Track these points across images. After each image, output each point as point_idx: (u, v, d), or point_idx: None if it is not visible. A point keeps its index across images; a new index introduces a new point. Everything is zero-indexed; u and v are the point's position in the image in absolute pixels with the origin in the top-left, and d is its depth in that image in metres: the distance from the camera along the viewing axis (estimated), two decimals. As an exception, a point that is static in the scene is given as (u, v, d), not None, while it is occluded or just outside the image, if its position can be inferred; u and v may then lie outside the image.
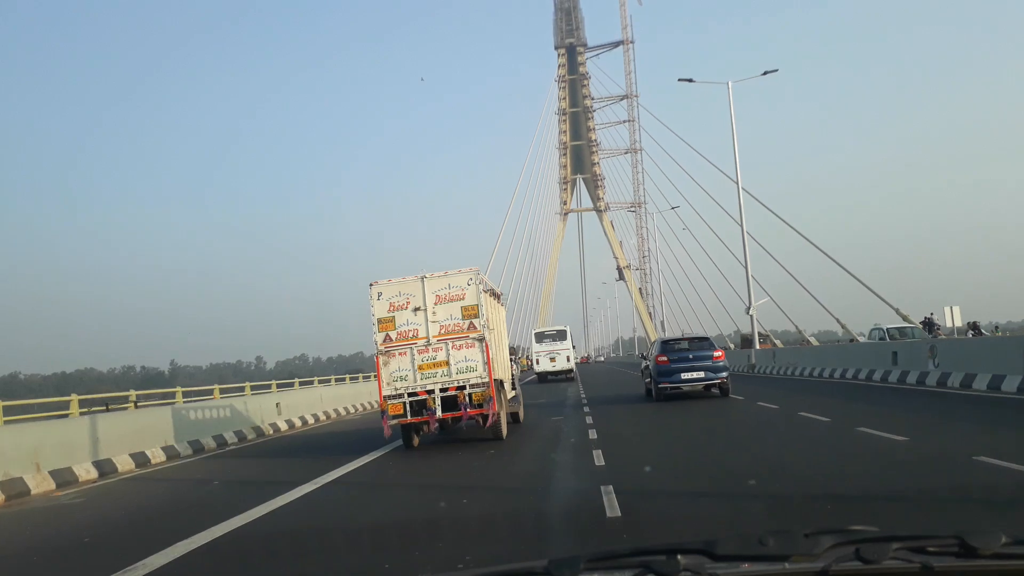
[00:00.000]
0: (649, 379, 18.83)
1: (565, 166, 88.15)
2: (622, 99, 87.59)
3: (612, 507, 6.21)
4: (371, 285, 11.84)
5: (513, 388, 15.59)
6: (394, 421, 11.47)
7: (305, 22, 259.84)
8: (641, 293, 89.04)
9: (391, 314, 11.66)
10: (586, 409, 17.22)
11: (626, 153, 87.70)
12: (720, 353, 17.81)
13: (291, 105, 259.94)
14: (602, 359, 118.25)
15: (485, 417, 11.69)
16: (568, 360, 38.07)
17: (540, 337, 39.28)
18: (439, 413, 11.36)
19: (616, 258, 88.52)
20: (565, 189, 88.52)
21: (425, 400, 11.42)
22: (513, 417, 15.48)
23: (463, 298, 11.63)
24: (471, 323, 11.56)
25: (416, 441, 12.44)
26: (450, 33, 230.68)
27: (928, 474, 7.05)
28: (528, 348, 45.15)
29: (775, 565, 1.39)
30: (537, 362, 38.78)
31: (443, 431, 13.53)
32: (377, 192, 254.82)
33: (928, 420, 11.49)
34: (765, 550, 1.36)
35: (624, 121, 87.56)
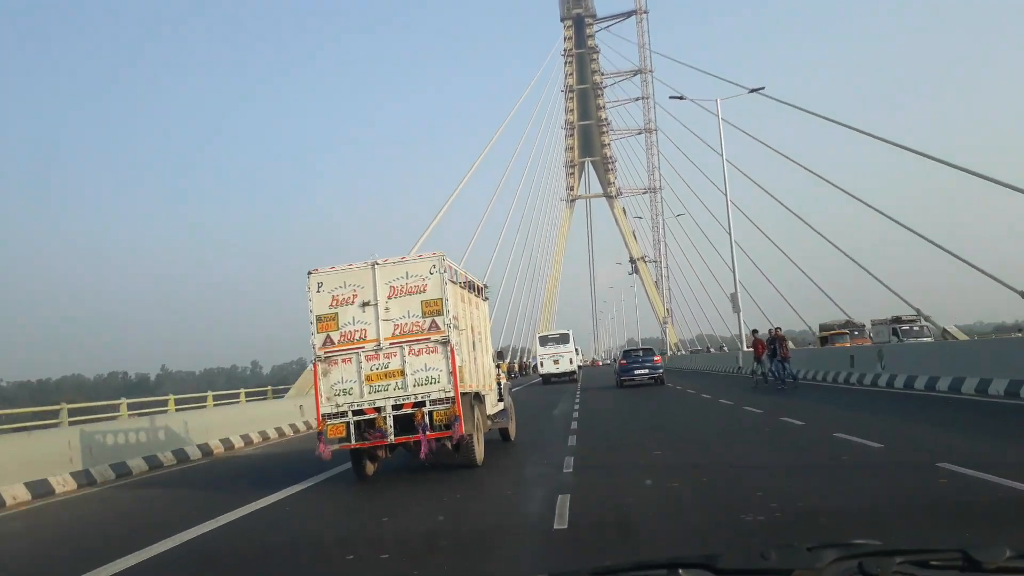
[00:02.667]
0: (616, 373, 30.48)
1: (572, 148, 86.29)
2: (635, 74, 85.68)
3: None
4: (309, 274, 10.11)
5: (500, 400, 13.85)
6: (335, 446, 9.74)
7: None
8: (657, 287, 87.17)
9: (333, 310, 9.94)
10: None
11: (640, 133, 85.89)
12: (658, 358, 29.57)
13: (288, 104, 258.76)
14: (609, 362, 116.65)
15: (454, 441, 9.94)
16: (571, 363, 42.14)
17: (544, 340, 43.71)
18: (391, 437, 9.61)
19: (629, 249, 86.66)
20: (572, 173, 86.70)
21: (374, 420, 9.68)
22: (502, 434, 13.89)
23: (424, 290, 9.89)
24: (433, 321, 9.81)
25: (371, 469, 10.71)
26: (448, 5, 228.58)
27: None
28: (532, 351, 51.57)
29: None
30: (541, 364, 42.93)
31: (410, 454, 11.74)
32: (375, 188, 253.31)
33: None
34: (768, 564, 1.44)
35: (637, 98, 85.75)
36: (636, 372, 28.68)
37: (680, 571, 1.46)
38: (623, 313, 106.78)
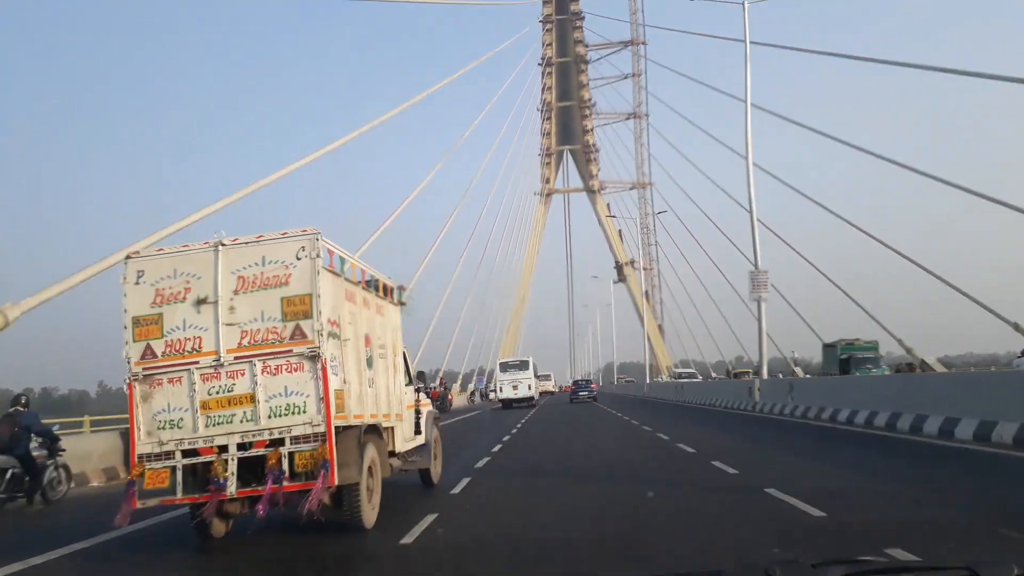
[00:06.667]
0: (570, 395, 58.12)
1: (549, 133, 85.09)
2: (625, 46, 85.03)
3: None
4: (127, 259, 8.44)
5: (418, 433, 12.29)
6: (152, 500, 8.05)
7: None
8: (647, 298, 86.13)
9: (156, 309, 8.26)
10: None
11: (628, 118, 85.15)
12: (595, 385, 63.66)
13: (244, 78, 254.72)
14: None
15: (333, 494, 8.28)
16: (529, 388, 50.20)
17: (505, 367, 52.07)
18: (232, 488, 7.92)
19: (614, 253, 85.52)
20: (548, 163, 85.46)
21: (211, 464, 8.00)
22: (423, 477, 12.47)
23: (286, 283, 8.23)
24: (297, 327, 8.15)
25: (221, 529, 9.00)
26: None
27: None
28: (493, 375, 59.33)
29: None
30: (500, 390, 50.80)
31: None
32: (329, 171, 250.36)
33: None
34: None
35: (627, 75, 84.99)
36: (580, 393, 54.32)
37: None
38: (614, 325, 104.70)
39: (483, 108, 58.09)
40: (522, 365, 51.36)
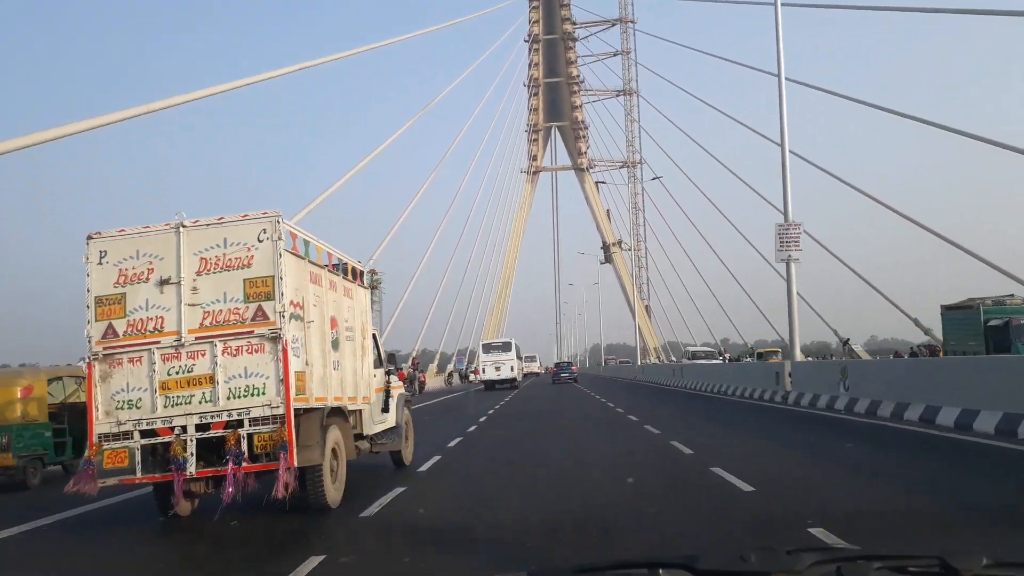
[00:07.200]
0: (552, 376, 65.47)
1: (536, 109, 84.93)
2: (613, 24, 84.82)
3: None
4: (89, 239, 8.58)
5: (387, 414, 12.53)
6: (112, 479, 8.21)
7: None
8: (634, 280, 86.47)
9: (119, 289, 8.44)
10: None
11: (618, 95, 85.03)
12: (575, 367, 74.40)
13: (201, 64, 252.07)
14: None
15: (298, 478, 8.46)
16: (512, 370, 51.48)
17: (487, 348, 53.52)
18: (191, 468, 8.10)
19: (602, 233, 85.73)
20: (535, 140, 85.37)
21: (170, 444, 8.18)
22: (394, 459, 12.77)
23: (248, 264, 8.40)
24: (259, 308, 8.32)
25: (187, 508, 9.14)
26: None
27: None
28: (475, 356, 61.45)
29: None
30: (483, 371, 52.52)
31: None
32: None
33: None
34: (747, 566, 1.74)
35: (615, 53, 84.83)
36: (562, 375, 59.86)
37: (660, 571, 1.79)
38: (599, 307, 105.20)
39: (468, 82, 57.99)
40: (505, 347, 52.43)
